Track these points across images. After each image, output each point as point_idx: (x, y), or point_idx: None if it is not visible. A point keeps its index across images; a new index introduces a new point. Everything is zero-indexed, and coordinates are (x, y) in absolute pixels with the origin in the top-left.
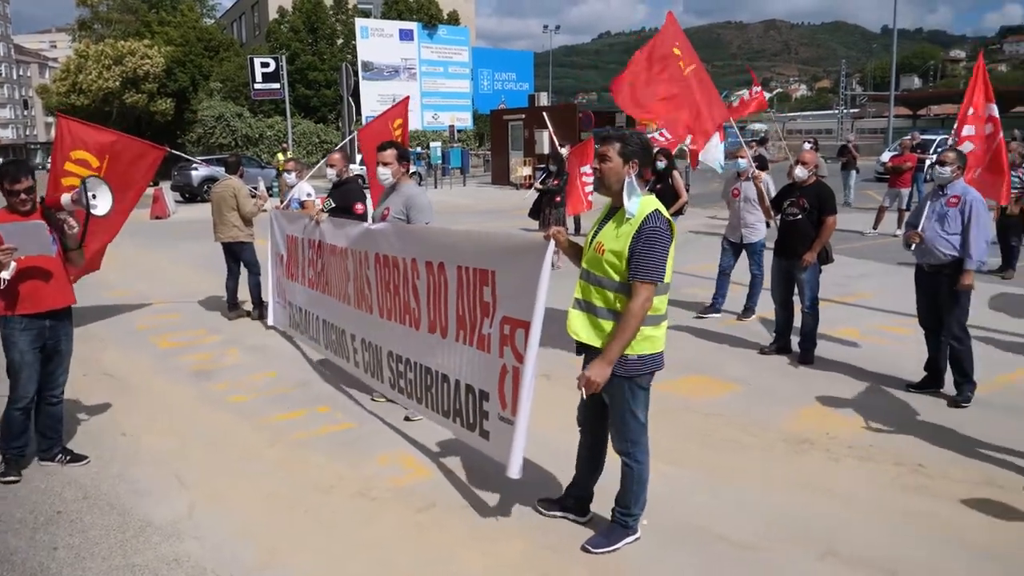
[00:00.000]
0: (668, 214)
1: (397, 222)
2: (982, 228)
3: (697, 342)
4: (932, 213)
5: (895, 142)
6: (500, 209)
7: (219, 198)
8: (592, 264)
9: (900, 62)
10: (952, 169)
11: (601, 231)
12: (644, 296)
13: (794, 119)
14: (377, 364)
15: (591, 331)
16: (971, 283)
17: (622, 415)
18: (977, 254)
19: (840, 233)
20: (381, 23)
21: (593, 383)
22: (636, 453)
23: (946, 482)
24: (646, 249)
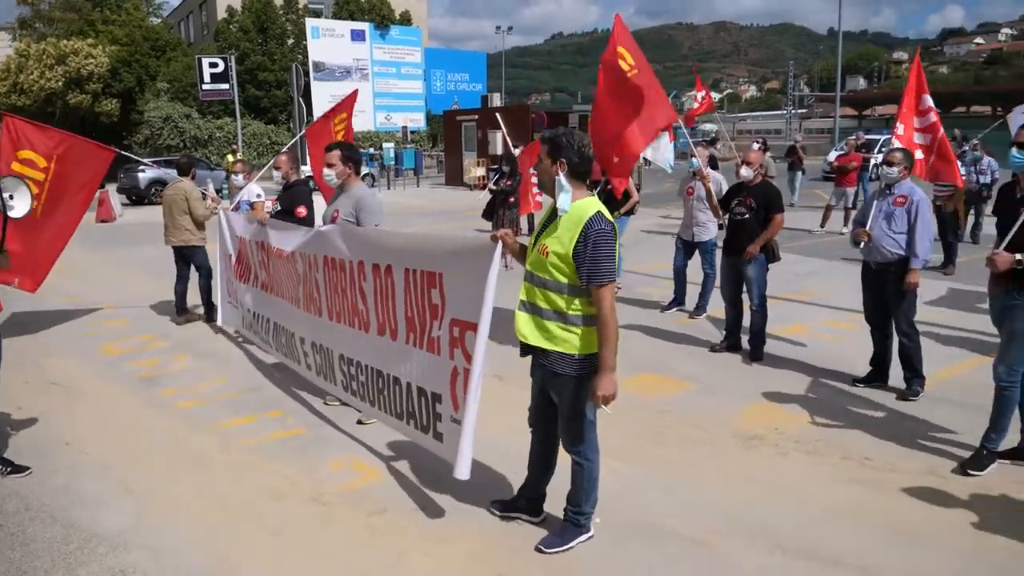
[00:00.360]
0: (610, 215)
1: (346, 224)
2: (927, 227)
3: (649, 341)
4: (879, 212)
5: (841, 142)
6: (454, 210)
7: (170, 201)
8: (536, 266)
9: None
10: (899, 169)
11: (544, 232)
12: (608, 298)
13: (744, 119)
14: (329, 367)
15: (537, 333)
16: (917, 281)
17: (571, 414)
18: (923, 253)
19: (788, 232)
20: (332, 23)
21: (609, 397)
22: (586, 451)
23: (891, 474)
24: (594, 252)
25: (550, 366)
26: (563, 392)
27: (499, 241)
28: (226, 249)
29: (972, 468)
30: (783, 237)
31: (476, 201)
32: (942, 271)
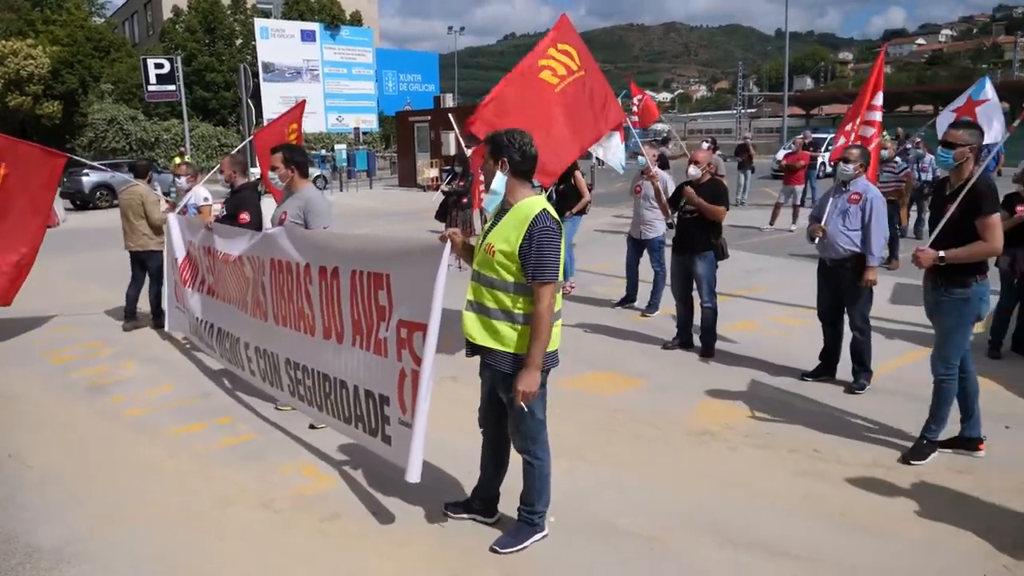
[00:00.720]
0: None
1: (293, 226)
2: (880, 225)
3: (602, 339)
4: (834, 209)
5: (790, 140)
6: (407, 211)
7: (126, 205)
8: (483, 265)
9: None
10: (855, 166)
11: (492, 232)
12: (547, 297)
13: (695, 119)
14: (275, 372)
15: (484, 332)
16: (874, 278)
17: (520, 413)
18: (877, 250)
19: (738, 229)
20: (282, 23)
21: (528, 393)
22: (536, 450)
23: (837, 465)
24: (538, 250)
25: (497, 365)
26: (504, 389)
27: (448, 241)
28: (173, 254)
29: (914, 458)
30: (733, 235)
31: (430, 202)
32: (886, 266)
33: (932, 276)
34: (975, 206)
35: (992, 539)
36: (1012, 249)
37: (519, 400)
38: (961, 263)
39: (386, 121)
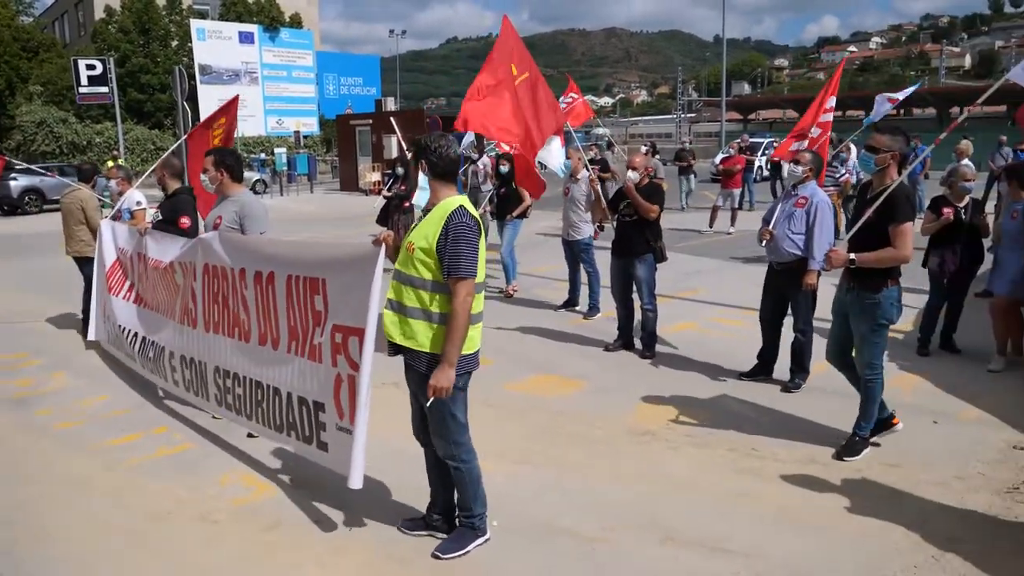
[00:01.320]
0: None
1: (228, 231)
2: (824, 230)
3: (545, 342)
4: (782, 212)
5: (727, 145)
6: (349, 216)
7: (66, 210)
8: (403, 264)
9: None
10: (804, 169)
11: (414, 231)
12: (464, 292)
13: (636, 123)
14: (201, 381)
15: (401, 332)
16: (814, 283)
17: (441, 418)
18: (820, 255)
19: (679, 232)
20: (219, 25)
21: (440, 389)
22: (460, 454)
23: (774, 463)
24: (455, 246)
25: (417, 367)
26: (421, 391)
27: (382, 245)
28: (102, 260)
29: (847, 455)
30: (673, 238)
31: (371, 207)
32: (825, 269)
33: (848, 278)
34: (890, 213)
35: (921, 531)
36: (940, 250)
37: (430, 394)
38: (872, 268)
39: (327, 124)
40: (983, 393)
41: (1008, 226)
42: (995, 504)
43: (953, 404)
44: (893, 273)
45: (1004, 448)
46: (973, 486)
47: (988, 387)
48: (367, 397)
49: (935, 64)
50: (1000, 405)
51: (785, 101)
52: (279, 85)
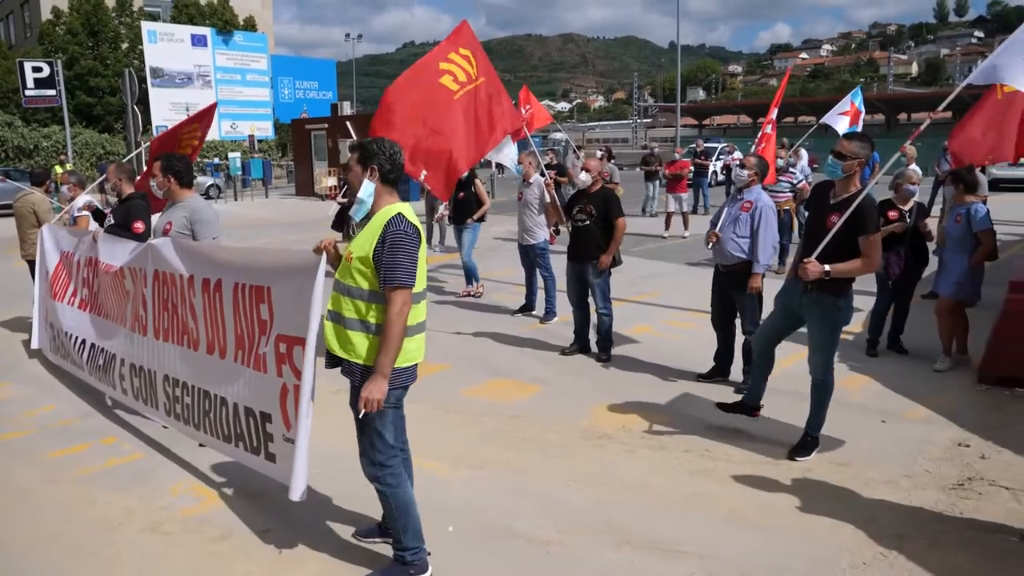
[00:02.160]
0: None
1: (178, 237)
2: (768, 233)
3: (501, 347)
4: (728, 216)
5: (672, 150)
6: (303, 221)
7: (19, 214)
8: (342, 273)
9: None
10: (750, 173)
11: (353, 241)
12: (399, 302)
13: (593, 128)
14: (150, 390)
15: (338, 343)
16: (759, 286)
17: (368, 435)
18: (764, 258)
19: (635, 236)
20: (171, 27)
21: (372, 401)
22: (385, 477)
23: (728, 464)
24: (391, 253)
25: (352, 378)
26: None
27: (323, 252)
28: (44, 266)
29: (798, 455)
30: (630, 242)
31: (327, 212)
32: (775, 272)
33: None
34: (859, 223)
35: (870, 528)
36: (886, 253)
37: (361, 406)
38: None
39: (282, 129)
40: (930, 392)
41: (952, 229)
42: (941, 501)
43: (901, 403)
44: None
45: (949, 446)
46: (920, 483)
47: (934, 386)
48: (308, 408)
49: (884, 71)
50: (946, 404)
51: (739, 107)
52: (233, 89)
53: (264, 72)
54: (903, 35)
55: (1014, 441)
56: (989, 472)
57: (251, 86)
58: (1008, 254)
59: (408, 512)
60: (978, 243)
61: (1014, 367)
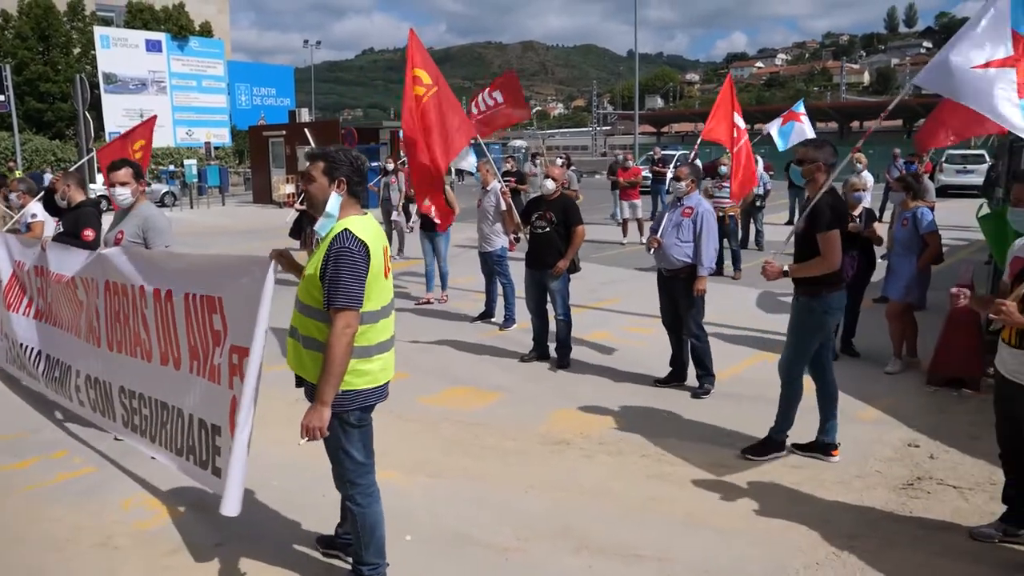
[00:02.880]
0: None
1: (130, 246)
2: (711, 237)
3: (460, 354)
4: (669, 222)
5: (642, 157)
6: (261, 228)
7: None
8: (299, 291)
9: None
10: (686, 183)
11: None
12: (341, 325)
13: (553, 135)
14: (107, 401)
15: (296, 361)
16: (704, 288)
17: (335, 454)
18: (708, 261)
19: (594, 243)
20: (124, 32)
21: (312, 429)
22: (356, 495)
23: (684, 467)
24: (334, 273)
25: (308, 397)
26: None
27: (273, 260)
28: None
29: (752, 453)
30: (589, 248)
31: (285, 220)
32: (731, 276)
33: (796, 285)
34: (815, 222)
35: (823, 529)
36: None
37: (302, 434)
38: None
39: (239, 136)
40: (881, 394)
41: (899, 234)
42: (891, 500)
43: (853, 405)
44: (829, 280)
45: (900, 446)
46: (871, 484)
47: (886, 388)
48: (248, 419)
49: (837, 80)
50: (897, 405)
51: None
52: (188, 95)
53: (221, 78)
54: (855, 45)
55: (960, 441)
56: (937, 472)
57: (207, 92)
58: (955, 259)
59: (375, 532)
60: (925, 246)
61: (960, 369)
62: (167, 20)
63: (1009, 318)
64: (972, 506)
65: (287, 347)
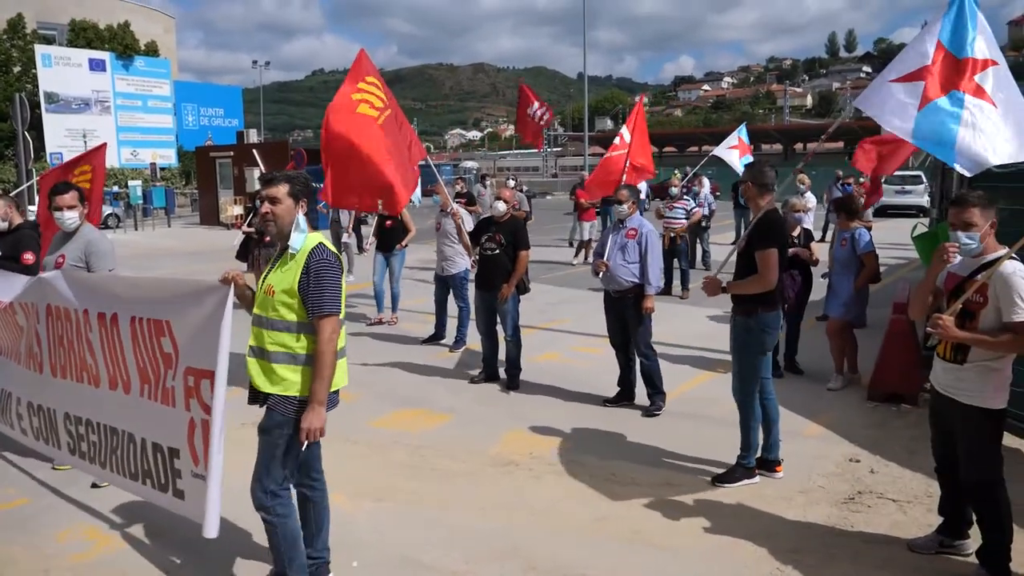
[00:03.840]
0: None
1: (72, 270)
2: (656, 257)
3: (409, 376)
4: (614, 244)
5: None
6: (207, 250)
7: None
8: (262, 307)
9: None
10: (627, 205)
11: (271, 274)
12: (329, 330)
13: (504, 156)
14: (51, 429)
15: (264, 378)
16: (652, 306)
17: (267, 460)
18: (655, 280)
19: (545, 264)
20: (67, 51)
21: (313, 430)
22: (276, 507)
23: (634, 487)
24: (317, 283)
25: (280, 412)
26: (271, 433)
27: (231, 283)
28: None
29: (722, 481)
30: (539, 269)
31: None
32: (679, 296)
33: (734, 305)
34: (754, 240)
35: (767, 545)
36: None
37: (302, 438)
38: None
39: (186, 156)
40: (823, 410)
41: (839, 253)
42: (833, 515)
43: (797, 422)
44: (764, 299)
45: (842, 461)
46: (814, 499)
47: (828, 404)
48: (220, 442)
49: (780, 103)
50: (838, 421)
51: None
52: (133, 115)
53: (167, 98)
54: (798, 69)
55: (899, 455)
56: (878, 486)
57: (153, 112)
58: (894, 277)
59: (296, 544)
60: (863, 266)
61: (899, 385)
62: (112, 39)
63: (946, 332)
64: (911, 518)
65: (247, 366)
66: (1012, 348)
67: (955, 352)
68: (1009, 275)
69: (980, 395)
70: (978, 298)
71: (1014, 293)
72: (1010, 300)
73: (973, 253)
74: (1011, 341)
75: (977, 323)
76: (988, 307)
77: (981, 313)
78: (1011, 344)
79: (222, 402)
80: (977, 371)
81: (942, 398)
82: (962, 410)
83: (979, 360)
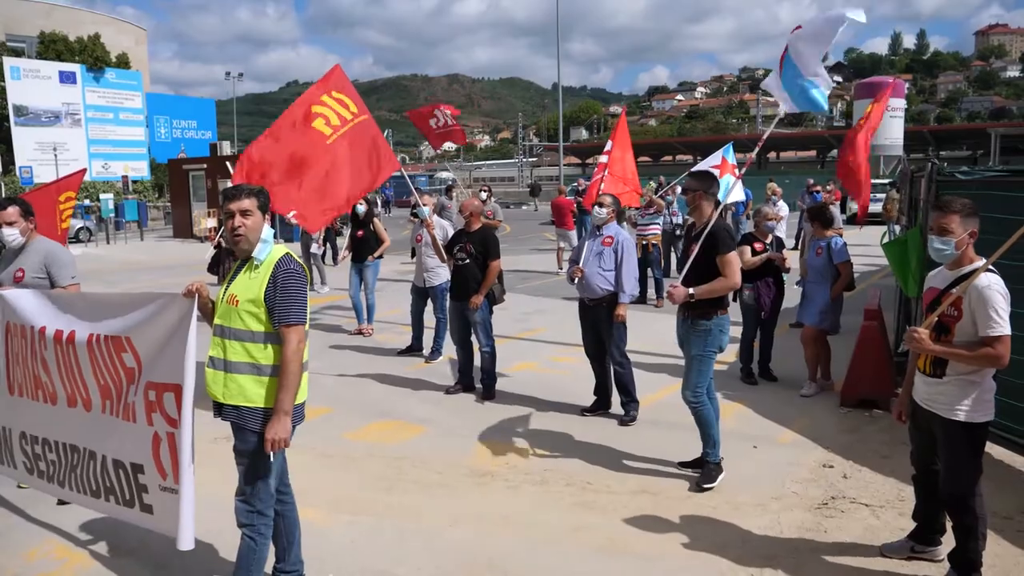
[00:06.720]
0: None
1: (34, 283)
2: (631, 265)
3: (385, 387)
4: (590, 252)
5: (569, 188)
6: (180, 264)
7: None
8: (226, 318)
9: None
10: (608, 211)
11: (233, 284)
12: (296, 339)
13: (480, 167)
14: (7, 449)
15: (225, 389)
16: (624, 314)
17: (252, 477)
18: (629, 288)
19: (520, 273)
20: (36, 63)
21: (279, 441)
22: (261, 527)
23: (608, 495)
24: (284, 293)
25: (244, 424)
26: (245, 449)
27: (195, 295)
28: None
29: (704, 483)
30: (515, 278)
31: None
32: (654, 304)
33: (682, 310)
34: (714, 246)
35: (742, 551)
36: (755, 284)
37: (268, 448)
38: (705, 299)
39: (159, 169)
40: (797, 417)
41: (813, 262)
42: (807, 521)
43: (771, 429)
44: (722, 303)
45: (815, 467)
46: (788, 505)
47: (801, 411)
48: (191, 454)
49: (754, 112)
50: (812, 427)
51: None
52: (105, 127)
53: (139, 111)
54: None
55: (871, 460)
56: (850, 491)
57: (124, 125)
58: (866, 284)
59: (261, 569)
60: (838, 274)
61: (871, 390)
62: (82, 51)
63: (921, 345)
64: (883, 523)
65: (207, 378)
66: (988, 362)
67: (934, 366)
68: (983, 288)
69: (961, 409)
70: (953, 311)
71: (989, 307)
72: (985, 314)
73: (947, 260)
74: (987, 355)
75: (952, 337)
76: (964, 320)
77: (956, 326)
78: (987, 358)
79: (190, 414)
80: (957, 384)
81: (923, 411)
82: (943, 424)
83: (958, 374)
